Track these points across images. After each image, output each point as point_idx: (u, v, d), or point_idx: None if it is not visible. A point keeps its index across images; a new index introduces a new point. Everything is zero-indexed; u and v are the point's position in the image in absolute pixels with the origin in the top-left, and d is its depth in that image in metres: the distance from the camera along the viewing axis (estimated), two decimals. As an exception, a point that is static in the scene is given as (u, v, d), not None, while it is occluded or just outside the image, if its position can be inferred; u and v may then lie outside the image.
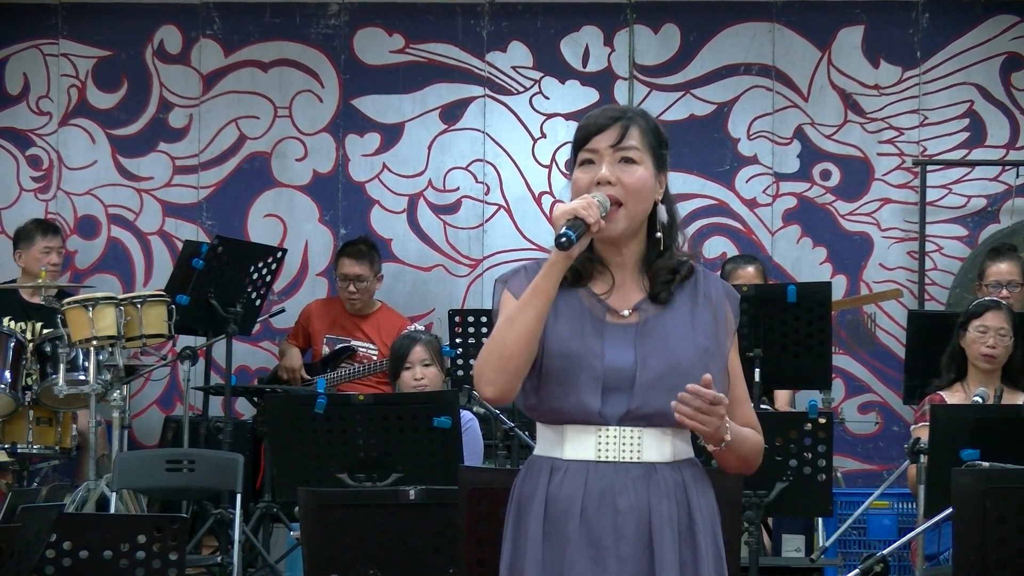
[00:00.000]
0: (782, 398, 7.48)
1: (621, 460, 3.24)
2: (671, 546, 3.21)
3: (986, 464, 5.01)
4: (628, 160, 3.27)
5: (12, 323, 7.98)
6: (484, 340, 6.70)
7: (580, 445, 3.25)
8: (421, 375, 5.92)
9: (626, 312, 3.27)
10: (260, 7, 8.94)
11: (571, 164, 3.35)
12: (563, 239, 3.14)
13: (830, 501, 5.66)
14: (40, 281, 7.77)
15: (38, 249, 8.17)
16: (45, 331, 7.74)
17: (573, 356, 3.22)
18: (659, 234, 3.31)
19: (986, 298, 6.64)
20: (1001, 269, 7.44)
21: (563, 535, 3.22)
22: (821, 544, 6.80)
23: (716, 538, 3.30)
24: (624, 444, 3.24)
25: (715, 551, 3.28)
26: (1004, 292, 7.32)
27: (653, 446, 3.25)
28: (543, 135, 8.84)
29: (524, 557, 3.25)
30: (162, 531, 4.41)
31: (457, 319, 7.00)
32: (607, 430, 3.24)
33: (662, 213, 3.32)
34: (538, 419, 3.31)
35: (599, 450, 3.24)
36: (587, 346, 3.23)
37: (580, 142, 3.31)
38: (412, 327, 6.50)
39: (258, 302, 7.82)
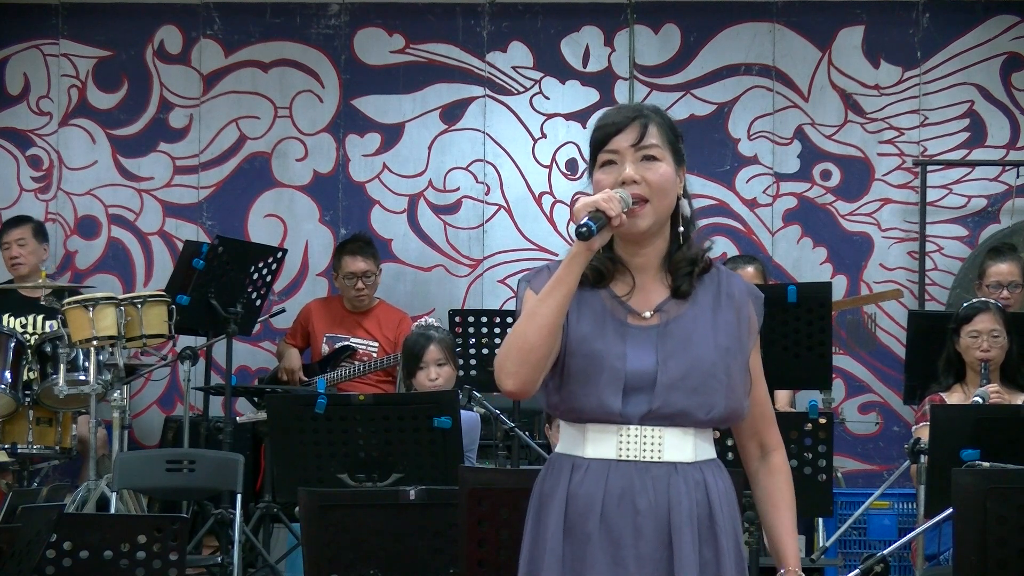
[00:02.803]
0: (782, 398, 7.47)
1: (642, 459, 3.24)
2: (690, 546, 3.21)
3: (986, 464, 5.01)
4: (650, 158, 3.27)
5: (12, 319, 7.98)
6: (484, 340, 6.78)
7: (601, 444, 3.25)
8: (436, 375, 5.92)
9: (647, 314, 3.27)
10: (260, 7, 8.94)
11: (590, 166, 3.33)
12: (583, 228, 3.14)
13: (830, 501, 5.65)
14: (40, 281, 7.77)
15: None
16: (48, 323, 7.75)
17: (595, 356, 3.23)
18: (681, 228, 3.32)
19: (974, 300, 6.62)
20: (1002, 270, 7.43)
21: (583, 533, 3.23)
22: (821, 544, 6.80)
23: (737, 537, 3.30)
24: (645, 443, 3.24)
25: (736, 551, 3.29)
26: (1004, 293, 7.32)
27: (675, 445, 3.25)
28: (543, 135, 8.85)
29: (543, 554, 3.25)
30: (162, 531, 4.41)
31: (457, 319, 7.00)
32: (628, 429, 3.23)
33: (685, 208, 3.34)
34: (560, 417, 3.32)
35: (620, 449, 3.24)
36: (609, 347, 3.23)
37: (599, 143, 3.30)
38: (424, 320, 6.48)
39: (258, 302, 7.82)
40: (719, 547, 3.25)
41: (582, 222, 3.14)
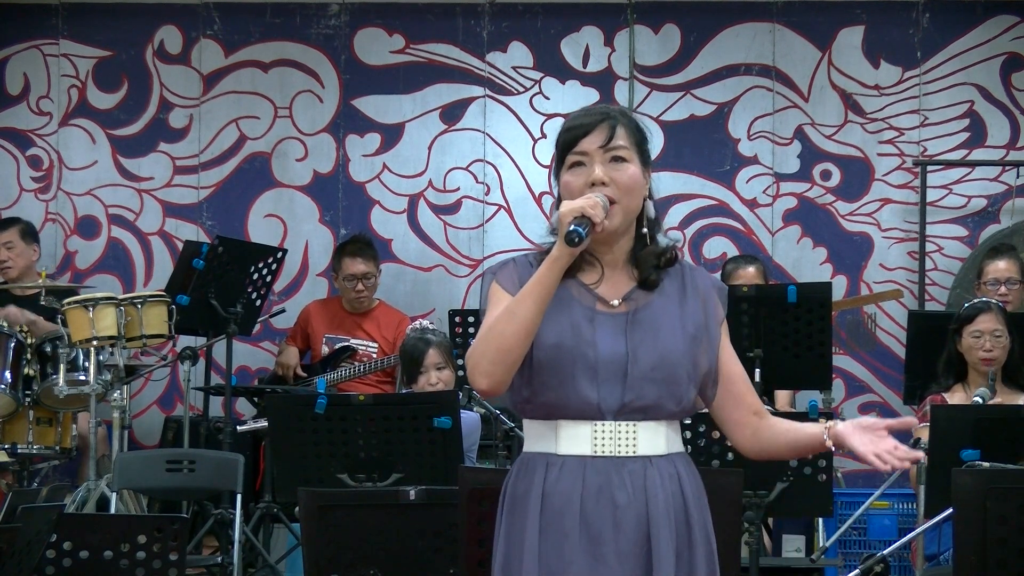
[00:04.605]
0: (782, 398, 7.48)
1: (617, 455, 3.25)
2: (668, 539, 3.23)
3: (986, 464, 5.01)
4: (619, 159, 3.29)
5: (0, 318, 7.99)
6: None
7: (575, 440, 3.26)
8: (436, 380, 5.94)
9: (616, 302, 3.30)
10: (260, 7, 8.94)
11: (557, 168, 3.36)
12: (574, 236, 3.16)
13: (830, 501, 5.65)
14: (40, 281, 7.77)
15: None
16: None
17: (565, 347, 3.24)
18: (645, 229, 3.34)
19: (976, 300, 6.63)
20: (999, 267, 7.45)
21: (561, 530, 3.23)
22: (821, 544, 6.80)
23: (708, 529, 3.32)
24: (620, 438, 3.25)
25: (707, 544, 3.31)
26: (1003, 289, 7.34)
27: (648, 439, 3.27)
28: (543, 135, 8.84)
29: (521, 553, 3.25)
30: (162, 531, 4.42)
31: (457, 319, 7.01)
32: (603, 424, 3.25)
33: (650, 208, 3.36)
34: (529, 414, 3.31)
35: (595, 444, 3.25)
36: (579, 336, 3.25)
37: (567, 145, 3.33)
38: (419, 323, 6.49)
39: (258, 302, 7.82)
40: (692, 539, 3.27)
41: (571, 228, 3.16)
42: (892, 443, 3.23)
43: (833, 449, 3.31)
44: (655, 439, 3.27)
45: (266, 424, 6.45)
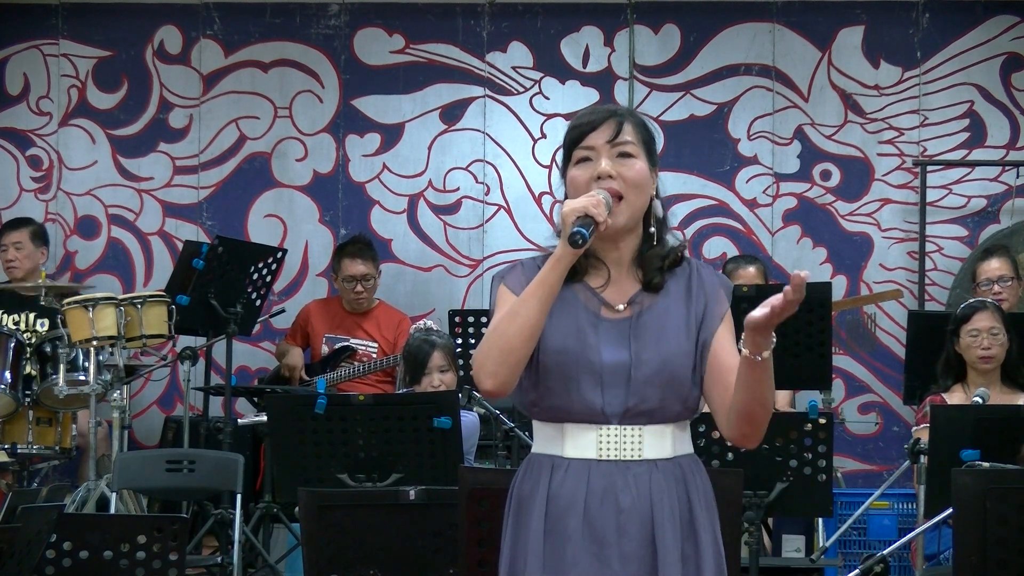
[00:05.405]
0: (782, 398, 7.47)
1: (622, 458, 3.25)
2: (673, 542, 3.23)
3: (986, 464, 5.01)
4: (625, 155, 3.30)
5: (5, 315, 7.98)
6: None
7: (581, 443, 3.26)
8: (439, 382, 5.94)
9: (621, 307, 3.30)
10: (260, 7, 8.94)
11: (564, 164, 3.36)
12: (578, 238, 3.15)
13: (830, 501, 5.66)
14: (41, 282, 7.77)
15: None
16: (39, 322, 7.75)
17: (570, 352, 3.24)
18: (652, 228, 3.34)
19: (971, 300, 6.64)
20: (991, 266, 7.50)
21: (564, 532, 3.23)
22: (821, 544, 6.80)
23: (715, 532, 3.32)
24: (625, 442, 3.25)
25: (714, 545, 3.30)
26: (996, 288, 7.37)
27: (654, 443, 3.27)
28: (543, 135, 8.84)
29: (525, 555, 3.25)
30: (162, 531, 4.42)
31: (457, 319, 7.00)
32: (608, 428, 3.25)
33: (657, 208, 3.36)
34: (536, 416, 3.32)
35: (600, 448, 3.25)
36: (583, 341, 3.25)
37: (575, 141, 3.34)
38: (424, 323, 6.49)
39: (258, 302, 7.82)
40: (699, 542, 3.26)
41: (575, 229, 3.16)
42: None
43: (750, 354, 3.10)
44: (661, 443, 3.27)
45: (265, 419, 6.46)
